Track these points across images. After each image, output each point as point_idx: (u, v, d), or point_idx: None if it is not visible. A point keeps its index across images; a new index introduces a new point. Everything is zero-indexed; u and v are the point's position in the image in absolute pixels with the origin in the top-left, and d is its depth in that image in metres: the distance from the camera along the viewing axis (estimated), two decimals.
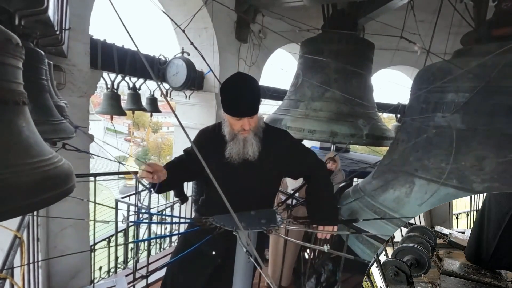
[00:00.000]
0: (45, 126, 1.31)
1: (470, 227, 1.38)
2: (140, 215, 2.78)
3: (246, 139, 1.37)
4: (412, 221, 1.44)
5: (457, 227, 1.40)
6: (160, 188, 1.39)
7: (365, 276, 1.23)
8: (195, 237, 1.36)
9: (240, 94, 1.29)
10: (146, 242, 3.29)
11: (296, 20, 3.05)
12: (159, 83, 3.47)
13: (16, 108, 0.61)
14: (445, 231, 1.38)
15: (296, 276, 3.04)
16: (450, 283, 1.14)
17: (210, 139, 1.49)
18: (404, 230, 1.40)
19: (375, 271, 1.20)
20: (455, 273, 1.18)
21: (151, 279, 2.72)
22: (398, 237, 1.39)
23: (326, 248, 1.29)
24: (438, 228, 1.38)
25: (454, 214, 1.43)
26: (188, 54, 3.49)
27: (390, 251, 1.29)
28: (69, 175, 0.67)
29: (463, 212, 1.43)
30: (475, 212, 1.38)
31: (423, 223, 1.44)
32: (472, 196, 1.42)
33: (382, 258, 1.23)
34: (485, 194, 1.34)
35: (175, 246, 3.93)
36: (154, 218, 4.00)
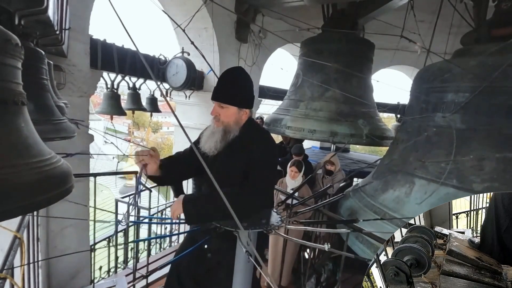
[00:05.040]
0: (46, 125, 1.31)
1: (470, 227, 1.38)
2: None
3: (214, 130, 1.37)
4: (412, 221, 1.44)
5: (457, 227, 1.40)
6: (153, 178, 1.41)
7: (365, 276, 1.23)
8: (200, 235, 1.40)
9: (222, 78, 1.36)
10: (146, 242, 3.29)
11: (295, 23, 3.05)
12: (158, 83, 3.47)
13: (15, 108, 0.61)
14: (445, 231, 1.38)
15: (296, 276, 3.04)
16: (450, 283, 1.14)
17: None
18: (404, 230, 1.40)
19: (375, 271, 1.20)
20: (455, 273, 1.18)
21: (151, 279, 2.72)
22: (398, 237, 1.39)
23: (327, 247, 1.29)
24: (438, 229, 1.37)
25: (454, 214, 1.43)
26: (188, 54, 3.49)
27: (390, 251, 1.29)
28: (68, 176, 0.67)
29: (463, 212, 1.42)
30: (475, 212, 1.38)
31: (423, 223, 1.43)
32: (472, 196, 1.42)
33: (382, 258, 1.23)
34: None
35: (177, 244, 3.94)
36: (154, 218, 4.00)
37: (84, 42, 2.44)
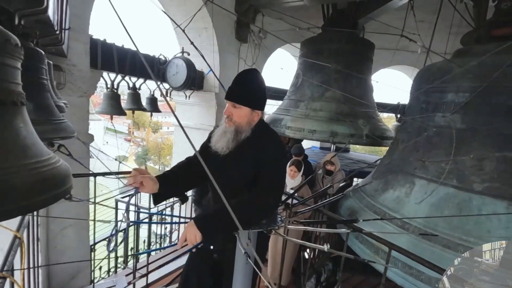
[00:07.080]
0: (45, 125, 1.31)
1: None
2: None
3: (226, 129, 1.36)
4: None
5: None
6: (155, 198, 1.38)
7: None
8: None
9: (236, 79, 1.38)
10: (145, 242, 3.30)
11: (295, 23, 3.04)
12: (158, 83, 3.47)
13: (14, 109, 0.61)
14: None
15: (296, 276, 3.04)
16: None
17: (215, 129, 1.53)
18: None
19: None
20: None
21: (151, 279, 2.72)
22: None
23: (326, 247, 1.29)
24: None
25: None
26: (188, 54, 3.49)
27: None
28: (67, 176, 0.67)
29: None
30: None
31: None
32: None
33: None
34: None
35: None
36: (154, 218, 4.01)
37: (84, 42, 2.44)
